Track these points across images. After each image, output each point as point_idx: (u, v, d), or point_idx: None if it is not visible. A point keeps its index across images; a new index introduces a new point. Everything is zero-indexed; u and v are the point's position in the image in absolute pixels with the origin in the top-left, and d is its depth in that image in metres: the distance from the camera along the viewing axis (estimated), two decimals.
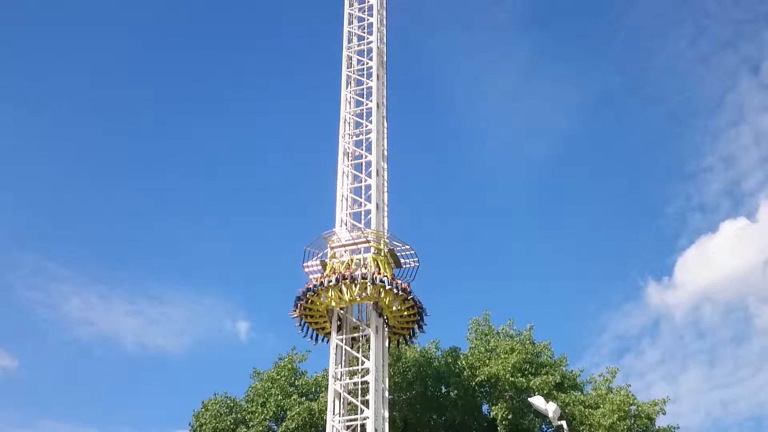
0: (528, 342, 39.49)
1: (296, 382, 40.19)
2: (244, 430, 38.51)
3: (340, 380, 31.62)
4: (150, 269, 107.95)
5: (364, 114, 37.20)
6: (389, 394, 32.42)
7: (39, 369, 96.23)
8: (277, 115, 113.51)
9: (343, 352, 32.21)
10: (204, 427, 38.91)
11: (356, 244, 33.16)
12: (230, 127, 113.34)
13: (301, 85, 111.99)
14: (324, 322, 33.00)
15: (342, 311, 32.57)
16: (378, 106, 37.19)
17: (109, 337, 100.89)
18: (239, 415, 39.62)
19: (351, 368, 32.00)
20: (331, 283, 31.52)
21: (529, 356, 38.09)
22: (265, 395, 39.19)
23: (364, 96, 37.67)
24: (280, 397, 38.83)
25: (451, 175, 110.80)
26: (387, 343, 32.92)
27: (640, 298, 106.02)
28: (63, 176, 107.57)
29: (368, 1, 39.95)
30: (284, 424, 37.68)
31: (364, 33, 39.35)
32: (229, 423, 38.97)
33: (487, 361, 37.71)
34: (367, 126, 36.70)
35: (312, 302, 32.34)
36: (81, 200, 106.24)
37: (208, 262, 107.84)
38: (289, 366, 40.71)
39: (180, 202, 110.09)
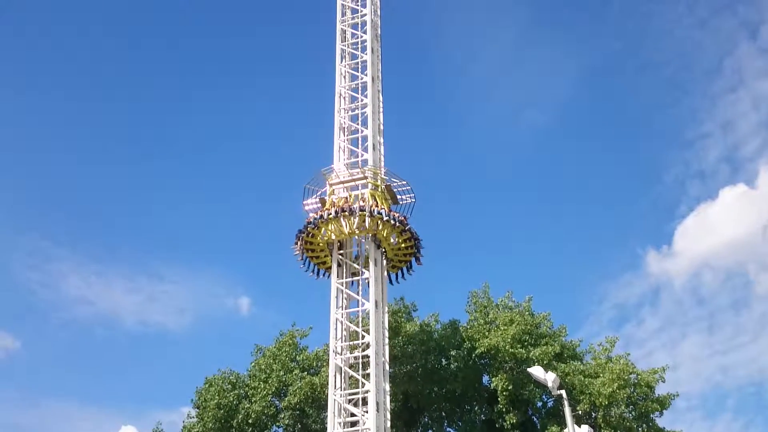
0: (527, 313, 39.66)
1: (297, 358, 40.51)
2: (247, 405, 38.89)
3: (341, 354, 31.84)
4: (149, 247, 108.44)
5: (360, 88, 36.90)
6: (390, 367, 32.67)
7: (40, 349, 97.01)
8: (273, 91, 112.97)
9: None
10: (207, 404, 39.28)
11: (354, 180, 34.08)
12: (226, 103, 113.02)
13: (295, 61, 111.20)
14: (325, 256, 33.89)
15: (341, 255, 33.04)
16: (373, 80, 36.89)
17: (110, 316, 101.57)
18: (242, 391, 40.01)
19: (352, 342, 32.21)
20: (330, 216, 32.39)
21: (528, 327, 38.26)
22: (267, 371, 39.54)
23: (359, 70, 37.35)
24: (282, 373, 39.20)
25: (448, 147, 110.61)
26: (385, 274, 33.52)
27: (639, 267, 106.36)
28: (60, 156, 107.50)
29: None
30: (286, 398, 38.09)
31: (357, 6, 38.90)
32: (232, 399, 39.36)
33: (487, 333, 37.93)
34: (362, 100, 36.45)
35: (313, 236, 33.23)
36: (78, 179, 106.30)
37: (207, 238, 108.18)
38: (290, 342, 41.01)
39: (177, 178, 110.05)
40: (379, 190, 33.76)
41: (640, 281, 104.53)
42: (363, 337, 31.77)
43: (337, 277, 32.77)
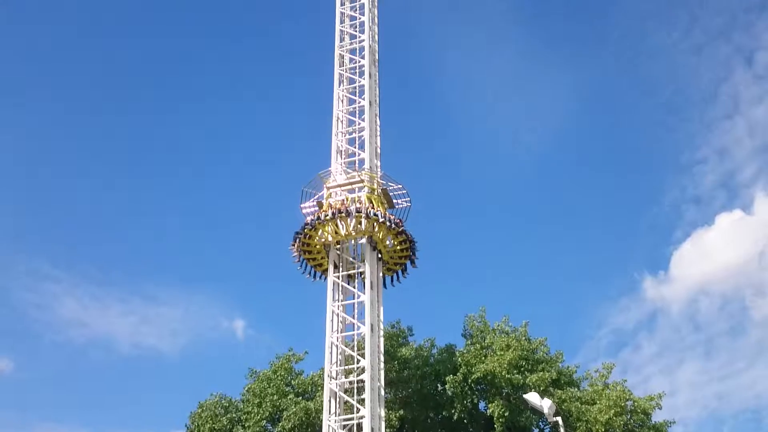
0: (524, 338, 39.45)
1: (292, 382, 40.13)
2: (241, 430, 38.44)
3: (336, 379, 31.55)
4: (143, 269, 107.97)
5: (357, 112, 37.13)
6: (385, 392, 32.36)
7: (35, 371, 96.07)
8: (270, 114, 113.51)
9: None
10: (200, 428, 38.84)
11: (351, 184, 34.56)
12: (222, 127, 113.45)
13: (293, 84, 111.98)
14: (321, 258, 34.09)
15: (338, 251, 33.31)
16: (371, 104, 37.13)
17: (104, 338, 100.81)
18: (235, 416, 39.58)
19: (347, 366, 31.96)
20: (327, 217, 32.72)
21: (525, 353, 38.05)
22: (261, 395, 39.12)
23: (357, 94, 37.61)
24: (276, 397, 38.77)
25: (446, 171, 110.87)
26: (380, 275, 33.76)
27: (636, 292, 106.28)
28: (55, 177, 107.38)
29: (360, 0, 39.87)
30: (280, 424, 37.62)
31: (356, 32, 39.28)
32: (225, 423, 38.93)
33: (483, 359, 37.68)
34: (359, 124, 36.63)
35: (310, 237, 33.46)
36: (73, 201, 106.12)
37: (202, 260, 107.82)
38: (285, 365, 40.65)
39: (172, 200, 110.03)
40: (376, 193, 34.19)
41: (637, 306, 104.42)
42: (358, 361, 31.52)
43: (334, 292, 32.76)
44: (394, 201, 34.91)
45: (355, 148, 36.37)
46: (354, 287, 33.05)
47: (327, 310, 32.65)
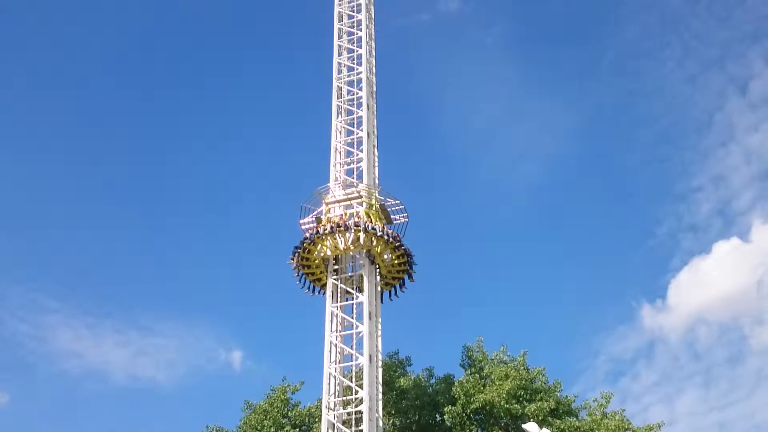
0: (522, 368, 39.41)
1: (289, 414, 39.86)
2: None
3: (334, 410, 31.41)
4: (139, 299, 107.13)
5: (355, 143, 37.55)
6: (383, 423, 32.20)
7: (29, 403, 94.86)
8: (268, 144, 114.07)
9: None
10: None
11: (350, 199, 34.99)
12: (218, 163, 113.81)
13: (291, 115, 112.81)
14: (320, 272, 34.38)
15: (336, 270, 33.72)
16: (368, 135, 37.54)
17: (99, 369, 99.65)
18: None
19: (345, 398, 31.83)
20: (326, 231, 33.17)
21: (523, 382, 37.98)
22: (258, 428, 38.80)
23: (355, 125, 38.05)
24: (272, 429, 38.44)
25: (443, 202, 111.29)
26: (378, 288, 34.07)
27: (634, 320, 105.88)
28: (51, 206, 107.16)
29: (357, 34, 40.53)
30: None
31: (353, 64, 39.82)
32: None
33: (482, 388, 37.58)
34: (357, 155, 37.02)
35: (309, 251, 33.83)
36: (69, 231, 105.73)
37: (199, 290, 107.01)
38: (282, 397, 40.37)
39: (167, 231, 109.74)
40: (374, 209, 34.61)
41: (635, 335, 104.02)
42: (356, 392, 31.42)
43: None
44: (392, 217, 35.49)
45: (353, 178, 36.69)
46: (352, 313, 33.06)
47: (325, 340, 32.58)
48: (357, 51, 40.04)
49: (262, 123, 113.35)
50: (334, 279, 33.67)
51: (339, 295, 33.50)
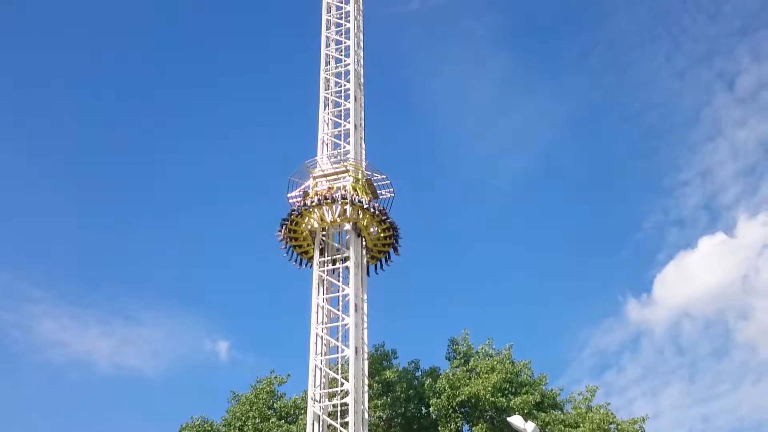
0: (508, 361, 39.51)
1: (275, 405, 39.84)
2: None
3: (320, 402, 31.42)
4: (124, 289, 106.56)
5: (342, 135, 37.43)
6: (369, 415, 32.23)
7: (13, 392, 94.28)
8: (255, 138, 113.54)
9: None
10: None
11: (336, 173, 35.38)
12: (206, 154, 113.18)
13: (279, 108, 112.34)
14: (307, 245, 34.78)
15: (323, 239, 33.99)
16: (356, 128, 37.43)
17: (84, 359, 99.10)
18: None
19: (330, 390, 31.84)
20: (313, 204, 33.64)
21: (509, 375, 38.11)
22: (243, 418, 38.79)
23: (342, 117, 37.92)
24: (258, 421, 38.47)
25: (429, 195, 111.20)
26: (365, 262, 34.36)
27: (619, 314, 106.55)
28: (35, 194, 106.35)
29: (345, 25, 40.35)
30: None
31: (341, 55, 39.66)
32: None
33: (468, 381, 37.68)
34: (345, 147, 36.91)
35: (296, 224, 34.21)
36: (54, 219, 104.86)
37: (185, 280, 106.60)
38: (268, 389, 40.38)
39: (153, 220, 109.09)
40: (360, 183, 34.96)
41: (620, 328, 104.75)
42: (342, 384, 31.43)
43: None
44: (379, 192, 35.84)
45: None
46: (338, 305, 33.08)
47: (311, 332, 32.62)
48: (345, 42, 39.87)
49: (250, 114, 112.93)
50: (321, 271, 33.66)
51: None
